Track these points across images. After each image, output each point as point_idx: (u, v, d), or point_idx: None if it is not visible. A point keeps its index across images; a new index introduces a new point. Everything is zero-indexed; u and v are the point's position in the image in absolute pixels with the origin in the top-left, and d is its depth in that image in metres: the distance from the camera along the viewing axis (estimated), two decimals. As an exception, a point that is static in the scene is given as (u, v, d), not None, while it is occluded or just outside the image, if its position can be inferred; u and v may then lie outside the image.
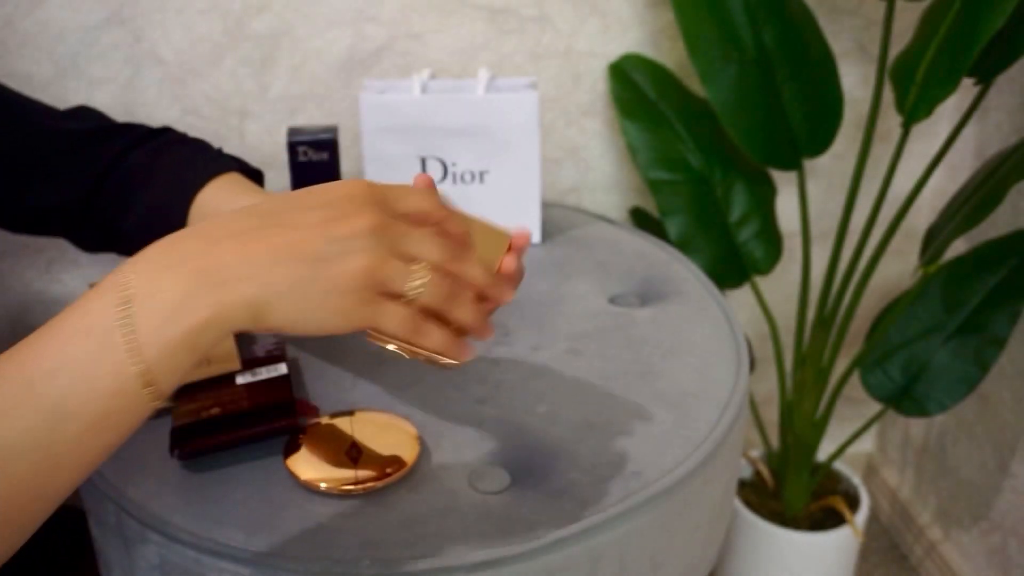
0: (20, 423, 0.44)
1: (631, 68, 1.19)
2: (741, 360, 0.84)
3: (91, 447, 0.46)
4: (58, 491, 0.46)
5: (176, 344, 0.46)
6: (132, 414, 0.47)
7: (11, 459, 0.44)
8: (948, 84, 0.98)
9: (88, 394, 0.45)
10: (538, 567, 0.63)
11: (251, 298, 0.47)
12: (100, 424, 0.46)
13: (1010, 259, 1.19)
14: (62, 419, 0.45)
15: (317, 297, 0.47)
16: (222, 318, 0.46)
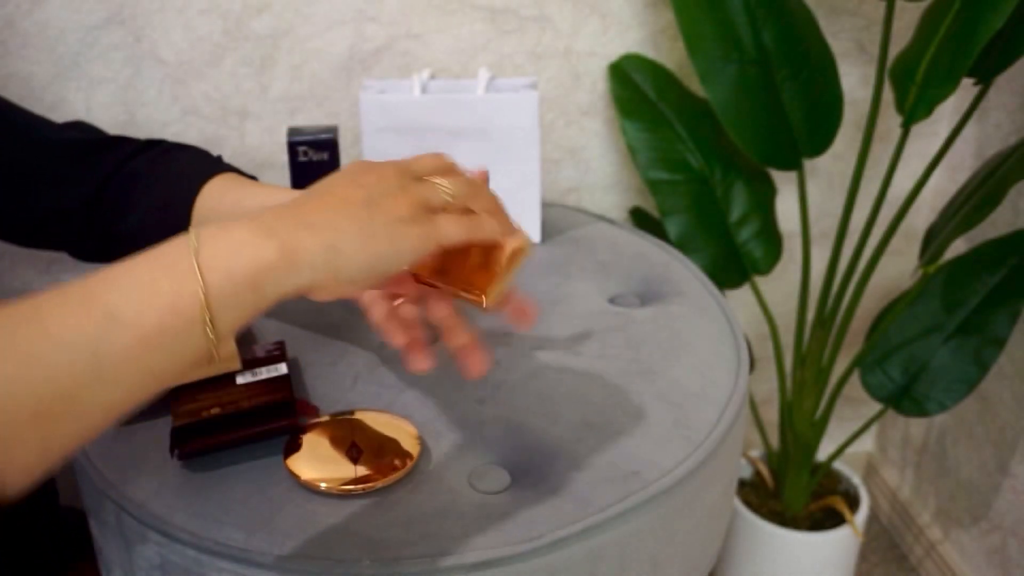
0: (72, 320, 0.44)
1: (631, 68, 1.19)
2: (741, 360, 0.84)
3: (136, 366, 0.45)
4: (91, 411, 0.45)
5: (240, 278, 0.47)
6: (184, 342, 0.46)
7: (57, 352, 0.43)
8: (948, 84, 0.98)
9: (144, 304, 0.45)
10: (538, 567, 0.63)
11: (325, 241, 0.49)
12: (150, 340, 0.45)
13: (1010, 259, 1.19)
14: (114, 324, 0.44)
15: (382, 231, 0.52)
16: (292, 262, 0.48)
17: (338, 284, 0.51)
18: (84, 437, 0.45)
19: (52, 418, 0.43)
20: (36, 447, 0.43)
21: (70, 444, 0.45)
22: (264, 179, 1.19)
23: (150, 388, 0.46)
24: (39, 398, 0.42)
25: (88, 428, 0.45)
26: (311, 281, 0.50)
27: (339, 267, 0.50)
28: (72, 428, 0.44)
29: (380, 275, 0.52)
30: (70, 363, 0.43)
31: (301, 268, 0.49)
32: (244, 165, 1.18)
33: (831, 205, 1.40)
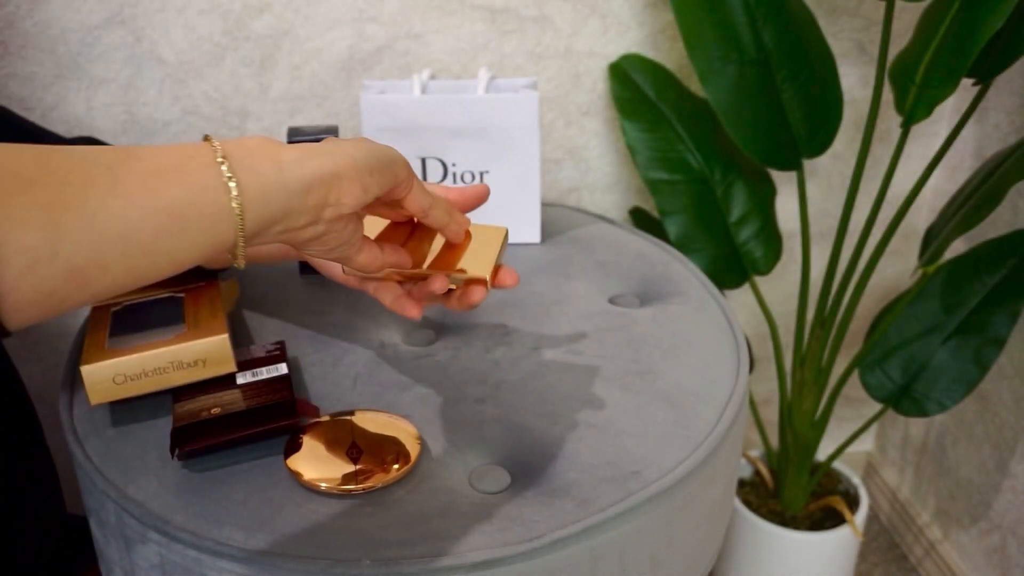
0: (92, 149, 0.44)
1: (631, 68, 1.20)
2: (741, 360, 0.84)
3: (153, 198, 0.44)
4: (106, 234, 0.42)
5: (254, 146, 0.50)
6: (203, 184, 0.46)
7: (72, 157, 0.43)
8: (947, 84, 0.98)
9: (166, 151, 0.46)
10: (538, 567, 0.63)
11: (333, 142, 0.53)
12: (166, 175, 0.45)
13: (1009, 259, 1.19)
14: (132, 156, 0.45)
15: (384, 156, 0.55)
16: (306, 150, 0.51)
17: (357, 171, 0.53)
18: (93, 280, 0.43)
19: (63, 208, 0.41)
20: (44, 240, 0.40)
21: (80, 257, 0.42)
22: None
23: (169, 239, 0.45)
24: (49, 186, 0.41)
25: (98, 267, 0.43)
26: (332, 165, 0.51)
27: (352, 154, 0.53)
28: (84, 239, 0.42)
29: (389, 170, 0.55)
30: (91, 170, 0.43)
31: (316, 152, 0.51)
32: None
33: (831, 205, 1.40)
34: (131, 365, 0.71)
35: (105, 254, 0.42)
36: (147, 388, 0.72)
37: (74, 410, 0.77)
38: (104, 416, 0.75)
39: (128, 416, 0.75)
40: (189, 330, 0.74)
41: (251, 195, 0.48)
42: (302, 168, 0.50)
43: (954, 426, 1.46)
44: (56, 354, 1.23)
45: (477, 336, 0.85)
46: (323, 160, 0.52)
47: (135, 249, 0.43)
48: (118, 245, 0.43)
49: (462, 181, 0.99)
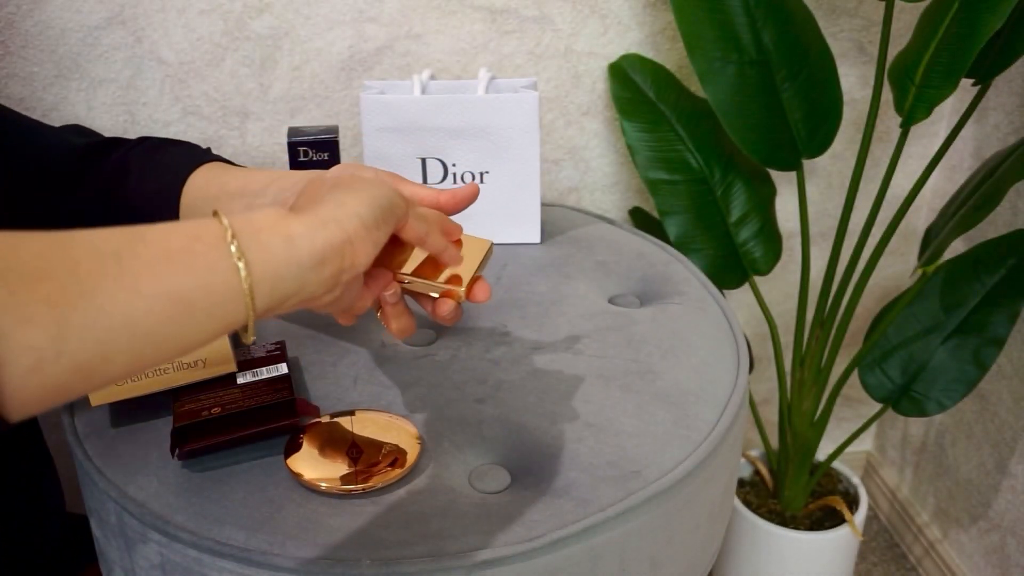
0: (100, 233, 0.43)
1: (631, 68, 1.20)
2: (741, 360, 0.84)
3: (161, 283, 0.43)
4: (111, 320, 0.42)
5: (262, 223, 0.48)
6: (211, 266, 0.45)
7: (82, 245, 0.42)
8: (947, 85, 0.98)
9: (174, 231, 0.45)
10: (538, 567, 0.63)
11: (337, 200, 0.53)
12: (173, 256, 0.44)
13: (1009, 259, 1.19)
14: (139, 240, 0.44)
15: (378, 188, 0.55)
16: (318, 218, 0.51)
17: (366, 229, 0.52)
18: (100, 364, 0.42)
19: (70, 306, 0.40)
20: (50, 337, 0.39)
21: (86, 352, 0.41)
22: (264, 179, 1.20)
23: (175, 322, 0.44)
24: (60, 283, 0.40)
25: (105, 351, 0.42)
26: (342, 232, 0.51)
27: (357, 213, 0.52)
28: (91, 335, 0.41)
29: (392, 215, 0.55)
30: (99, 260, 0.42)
31: (324, 222, 0.51)
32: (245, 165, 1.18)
33: (831, 205, 1.40)
34: (131, 365, 0.71)
35: (111, 347, 0.41)
36: (148, 389, 0.72)
37: (75, 410, 0.77)
38: (105, 416, 0.76)
39: (128, 416, 0.75)
40: (189, 330, 0.74)
41: (261, 275, 0.47)
42: (313, 242, 0.49)
43: (953, 426, 1.46)
44: (56, 354, 1.23)
45: (477, 336, 0.86)
46: (333, 230, 0.51)
47: (141, 340, 0.43)
48: (124, 337, 0.42)
49: (462, 181, 0.99)
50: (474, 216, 1.00)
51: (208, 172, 0.76)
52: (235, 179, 0.74)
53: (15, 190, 0.78)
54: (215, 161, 0.78)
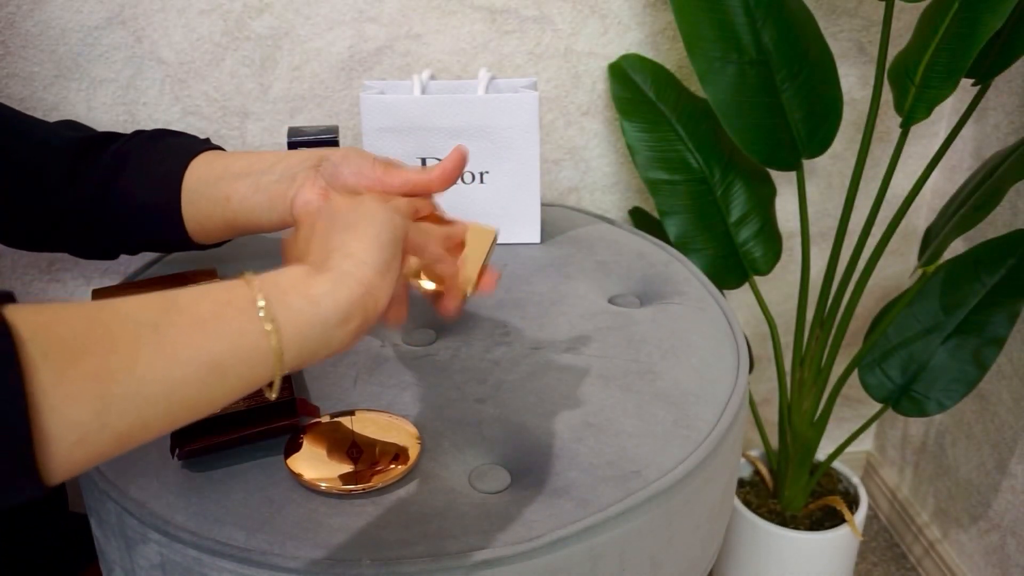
0: (134, 302, 0.45)
1: (631, 68, 1.20)
2: (741, 360, 0.84)
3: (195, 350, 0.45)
4: (152, 388, 0.44)
5: (287, 284, 0.50)
6: (240, 329, 0.47)
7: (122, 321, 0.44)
8: (947, 85, 0.98)
9: (205, 296, 0.47)
10: (538, 567, 0.63)
11: (344, 252, 0.54)
12: (207, 324, 0.46)
13: (1008, 259, 1.19)
14: (173, 308, 0.45)
15: (380, 225, 0.56)
16: (339, 275, 0.52)
17: (380, 275, 0.53)
18: (140, 427, 0.43)
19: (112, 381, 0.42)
20: (92, 413, 0.41)
21: (127, 422, 0.43)
22: (264, 179, 1.20)
23: (208, 385, 0.46)
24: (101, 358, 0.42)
25: (145, 417, 0.43)
26: (361, 286, 0.52)
27: (367, 261, 0.53)
28: (132, 405, 0.43)
29: (397, 247, 0.55)
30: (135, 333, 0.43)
31: (342, 278, 0.52)
32: (244, 165, 1.18)
33: (830, 205, 1.40)
34: (131, 365, 0.71)
35: (150, 414, 0.43)
36: (147, 388, 0.72)
37: (74, 410, 0.77)
38: (104, 416, 0.76)
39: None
40: (189, 330, 0.74)
41: (289, 336, 0.48)
42: (335, 300, 0.51)
43: (953, 426, 1.46)
44: (56, 354, 1.23)
45: (477, 336, 0.86)
46: (352, 286, 0.51)
47: (178, 405, 0.44)
48: (162, 404, 0.44)
49: (462, 181, 0.99)
50: (474, 216, 1.00)
51: (209, 156, 0.77)
52: (238, 161, 0.74)
53: (10, 188, 0.77)
54: (215, 149, 0.79)
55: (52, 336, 0.40)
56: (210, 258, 0.99)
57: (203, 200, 0.74)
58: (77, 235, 0.81)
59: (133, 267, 1.19)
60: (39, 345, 0.39)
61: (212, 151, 0.78)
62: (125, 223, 0.79)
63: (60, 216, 0.79)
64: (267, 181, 0.71)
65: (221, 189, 0.73)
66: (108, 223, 0.79)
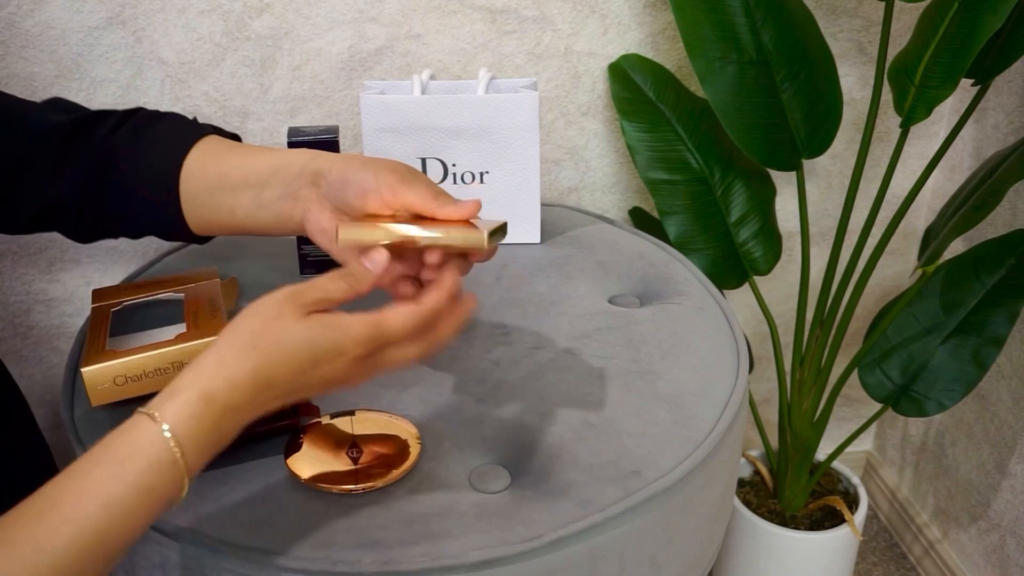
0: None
1: (631, 68, 1.20)
2: (741, 360, 0.84)
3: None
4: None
5: (198, 416, 0.54)
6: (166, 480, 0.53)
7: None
8: (946, 85, 0.98)
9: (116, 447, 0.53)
10: (538, 567, 0.63)
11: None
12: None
13: (1008, 259, 1.19)
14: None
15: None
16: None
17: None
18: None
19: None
20: None
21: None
22: (264, 179, 1.19)
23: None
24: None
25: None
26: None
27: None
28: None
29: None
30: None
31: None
32: (244, 165, 1.18)
33: (830, 205, 1.40)
34: (132, 366, 0.71)
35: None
36: (148, 389, 0.72)
37: (75, 411, 0.77)
38: (105, 416, 0.76)
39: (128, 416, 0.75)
40: (189, 330, 0.74)
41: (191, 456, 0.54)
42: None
43: (953, 426, 1.46)
44: (56, 354, 1.23)
45: (477, 336, 0.86)
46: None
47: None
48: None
49: (462, 181, 0.99)
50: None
51: (203, 157, 0.74)
52: (234, 168, 0.72)
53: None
54: (206, 136, 0.75)
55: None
56: (210, 258, 1.00)
57: (205, 208, 0.73)
58: (67, 223, 0.78)
59: (133, 267, 1.19)
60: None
61: (205, 145, 0.75)
62: (122, 214, 0.77)
63: (47, 206, 0.77)
64: (269, 197, 0.70)
65: (223, 201, 0.72)
66: (101, 213, 0.77)
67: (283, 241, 1.01)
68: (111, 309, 0.80)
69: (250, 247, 1.02)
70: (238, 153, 0.74)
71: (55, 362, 1.24)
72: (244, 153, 0.74)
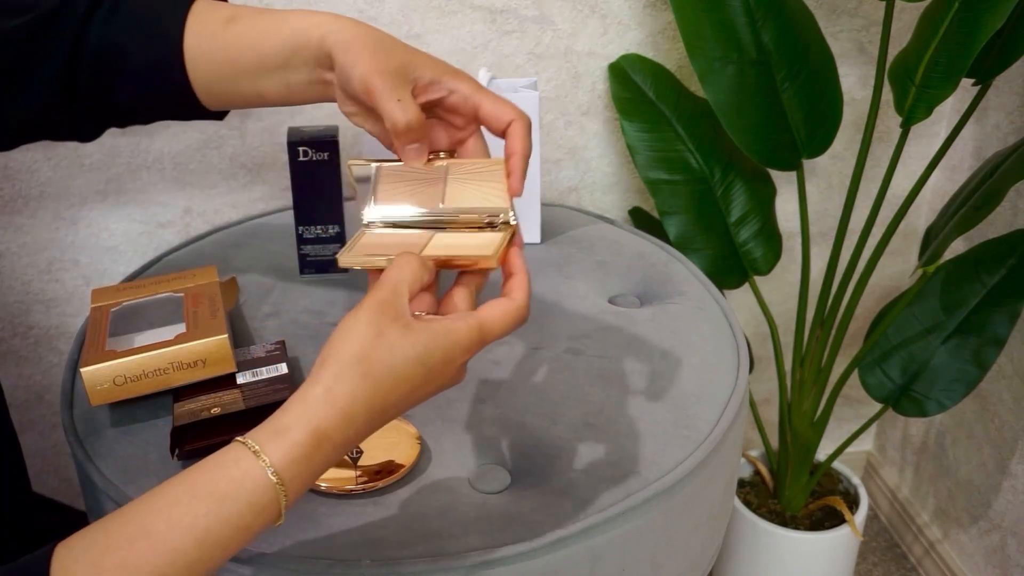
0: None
1: (631, 68, 1.20)
2: (741, 360, 0.84)
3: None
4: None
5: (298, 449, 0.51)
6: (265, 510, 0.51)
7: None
8: (947, 85, 0.98)
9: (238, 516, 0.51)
10: (538, 567, 0.63)
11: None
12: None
13: (1009, 259, 1.19)
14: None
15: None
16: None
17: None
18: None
19: None
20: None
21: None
22: (265, 179, 1.19)
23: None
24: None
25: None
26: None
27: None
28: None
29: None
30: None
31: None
32: (245, 165, 1.18)
33: (831, 205, 1.40)
34: (131, 366, 0.71)
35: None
36: (147, 389, 0.72)
37: (74, 410, 0.77)
38: (105, 416, 0.76)
39: (128, 416, 0.75)
40: (189, 330, 0.74)
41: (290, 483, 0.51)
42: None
43: (954, 426, 1.46)
44: (56, 354, 1.23)
45: (477, 336, 0.85)
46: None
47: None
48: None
49: (462, 181, 0.99)
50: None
51: (201, 43, 0.68)
52: (243, 52, 0.67)
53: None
54: (191, 8, 0.68)
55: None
56: (210, 258, 0.99)
57: (228, 95, 0.69)
58: (61, 128, 0.73)
59: (133, 267, 1.19)
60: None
61: (199, 5, 0.68)
62: (130, 108, 0.72)
63: (26, 120, 0.71)
64: (297, 82, 0.66)
65: (246, 87, 0.68)
66: (102, 110, 0.72)
67: (283, 241, 1.01)
68: (110, 309, 0.80)
69: (250, 247, 1.02)
70: (236, 31, 0.68)
71: (54, 362, 1.24)
72: (244, 29, 0.67)
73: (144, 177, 1.16)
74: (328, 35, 0.63)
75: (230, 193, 1.19)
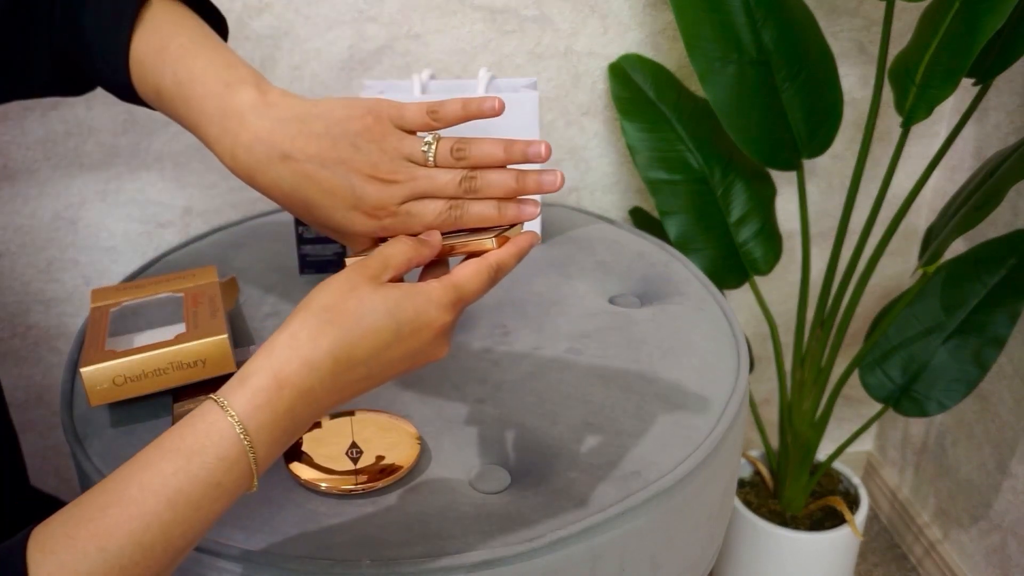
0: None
1: (631, 68, 1.20)
2: (741, 360, 0.84)
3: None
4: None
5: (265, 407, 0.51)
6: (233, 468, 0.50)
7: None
8: (947, 84, 0.98)
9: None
10: (538, 567, 0.63)
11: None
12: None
13: (1009, 259, 1.19)
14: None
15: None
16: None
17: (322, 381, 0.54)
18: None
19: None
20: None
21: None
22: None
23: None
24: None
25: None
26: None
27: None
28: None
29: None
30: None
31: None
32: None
33: (831, 205, 1.40)
34: (131, 367, 0.71)
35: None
36: (147, 389, 0.72)
37: (74, 410, 0.77)
38: (104, 416, 0.76)
39: (128, 416, 0.75)
40: (189, 330, 0.74)
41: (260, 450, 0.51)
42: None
43: (954, 426, 1.46)
44: (56, 354, 1.23)
45: (477, 336, 0.86)
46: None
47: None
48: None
49: (462, 181, 0.99)
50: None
51: (148, 46, 0.66)
52: (185, 102, 0.65)
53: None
54: (135, 34, 0.66)
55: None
56: (210, 258, 0.99)
57: (173, 116, 0.68)
58: (48, 88, 0.73)
59: (133, 267, 1.19)
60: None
61: (145, 31, 0.66)
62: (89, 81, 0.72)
63: (14, 91, 0.70)
64: (243, 152, 0.62)
65: (191, 120, 0.66)
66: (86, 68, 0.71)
67: (283, 241, 1.01)
68: (110, 309, 0.80)
69: (250, 247, 1.02)
70: (185, 53, 0.65)
71: (54, 362, 1.24)
72: (183, 47, 0.66)
73: (144, 177, 1.16)
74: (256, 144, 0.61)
75: (230, 193, 1.20)
